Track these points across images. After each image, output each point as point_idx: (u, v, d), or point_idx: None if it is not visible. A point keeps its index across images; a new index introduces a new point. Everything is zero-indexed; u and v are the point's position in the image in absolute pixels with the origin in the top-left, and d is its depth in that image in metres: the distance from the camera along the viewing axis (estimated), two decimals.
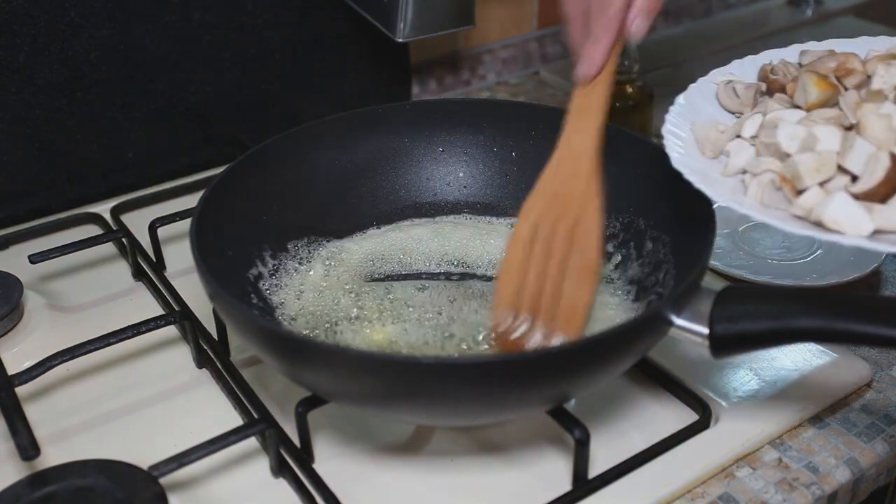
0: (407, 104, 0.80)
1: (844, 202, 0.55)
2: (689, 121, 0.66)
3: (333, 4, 0.97)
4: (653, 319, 0.55)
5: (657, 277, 0.66)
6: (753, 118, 0.64)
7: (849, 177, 0.57)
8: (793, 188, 0.58)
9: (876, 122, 0.58)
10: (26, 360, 0.68)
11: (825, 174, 0.58)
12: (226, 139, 0.96)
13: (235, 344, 0.70)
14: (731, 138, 0.64)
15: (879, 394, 0.67)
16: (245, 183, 0.70)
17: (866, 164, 0.56)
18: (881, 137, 0.57)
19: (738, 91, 0.68)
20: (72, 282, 0.81)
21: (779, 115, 0.63)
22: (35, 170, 0.89)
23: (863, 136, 0.58)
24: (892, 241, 0.54)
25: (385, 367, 0.52)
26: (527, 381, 0.52)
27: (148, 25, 0.89)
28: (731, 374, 0.67)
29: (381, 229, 0.77)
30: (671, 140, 0.64)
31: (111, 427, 0.65)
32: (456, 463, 0.61)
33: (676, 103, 0.68)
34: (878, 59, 0.63)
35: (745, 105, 0.68)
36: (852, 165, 0.57)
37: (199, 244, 0.61)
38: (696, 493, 0.59)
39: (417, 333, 0.65)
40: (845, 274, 0.76)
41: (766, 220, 0.56)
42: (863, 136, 0.58)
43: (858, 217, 0.55)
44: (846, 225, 0.55)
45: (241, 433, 0.58)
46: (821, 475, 0.60)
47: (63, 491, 0.54)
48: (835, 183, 0.57)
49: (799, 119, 0.62)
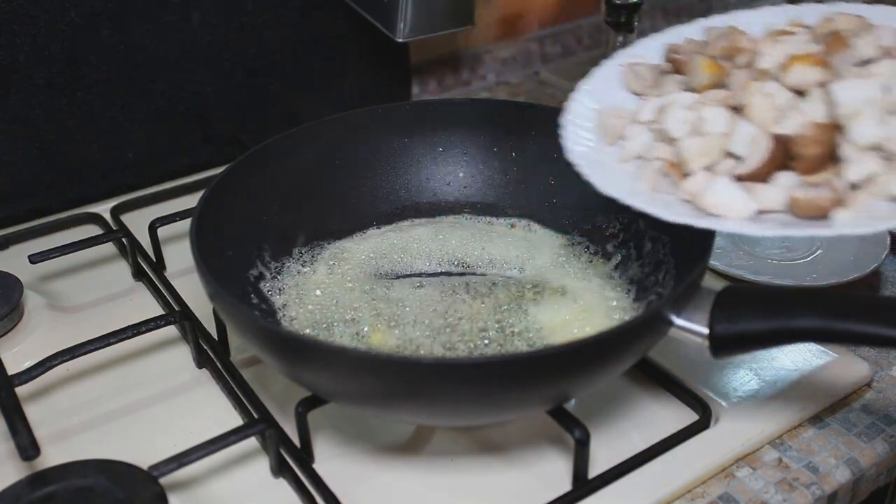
0: (407, 104, 0.80)
1: (725, 186, 0.55)
2: (597, 107, 0.65)
3: (333, 4, 0.97)
4: (653, 319, 0.55)
5: (657, 277, 0.66)
6: (651, 102, 0.63)
7: (736, 159, 0.57)
8: (680, 173, 0.58)
9: (760, 102, 0.57)
10: (26, 360, 0.68)
11: (711, 158, 0.57)
12: (226, 139, 0.96)
13: (235, 344, 0.70)
14: (630, 123, 0.64)
15: (879, 394, 0.67)
16: (245, 183, 0.70)
17: (749, 145, 0.56)
18: (765, 117, 0.57)
19: (642, 73, 0.66)
20: (72, 282, 0.81)
21: (672, 99, 0.62)
22: (35, 170, 0.89)
23: (748, 117, 0.57)
24: (772, 224, 0.54)
25: (385, 367, 0.52)
26: (527, 381, 0.52)
27: (148, 25, 0.89)
28: (731, 374, 0.67)
29: (381, 229, 0.77)
30: (571, 129, 0.63)
31: (111, 427, 0.65)
32: (456, 463, 0.61)
33: (580, 90, 0.67)
34: (769, 36, 0.62)
35: (650, 87, 0.66)
36: (737, 147, 0.57)
37: (199, 244, 0.61)
38: (697, 493, 0.59)
39: (417, 333, 0.65)
40: (845, 274, 0.76)
41: (648, 212, 0.55)
42: (748, 116, 0.57)
43: (739, 200, 0.55)
44: (727, 208, 0.55)
45: (241, 433, 0.58)
46: (821, 475, 0.60)
47: (63, 491, 0.54)
48: (723, 166, 0.57)
49: (691, 102, 0.61)
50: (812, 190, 0.54)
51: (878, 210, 0.54)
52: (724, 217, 0.55)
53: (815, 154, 0.55)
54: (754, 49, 0.62)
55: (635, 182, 0.60)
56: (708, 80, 0.61)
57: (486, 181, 0.79)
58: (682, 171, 0.58)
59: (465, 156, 0.79)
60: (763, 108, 0.57)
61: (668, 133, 0.59)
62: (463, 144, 0.79)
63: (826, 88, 0.56)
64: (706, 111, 0.59)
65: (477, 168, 0.79)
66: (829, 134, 0.55)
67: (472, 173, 0.79)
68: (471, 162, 0.79)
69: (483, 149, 0.79)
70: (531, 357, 0.52)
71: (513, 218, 0.78)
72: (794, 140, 0.55)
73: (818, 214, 0.54)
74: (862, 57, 0.58)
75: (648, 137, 0.62)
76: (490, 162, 0.79)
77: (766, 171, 0.56)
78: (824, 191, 0.54)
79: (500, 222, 0.78)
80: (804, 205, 0.54)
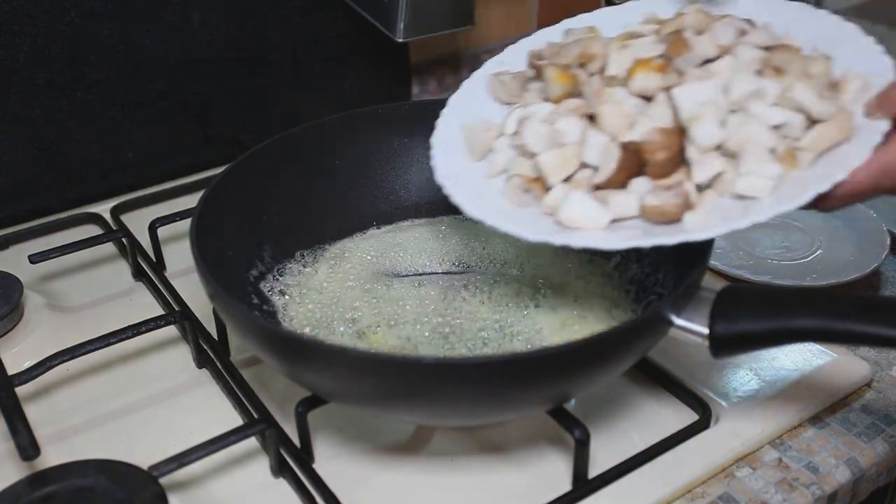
0: (407, 104, 0.80)
1: (578, 199, 0.56)
2: (464, 122, 0.65)
3: (333, 4, 0.97)
4: (653, 319, 0.55)
5: (657, 277, 0.66)
6: (514, 113, 0.63)
7: (593, 168, 0.57)
8: (542, 187, 0.58)
9: (611, 110, 0.57)
10: (26, 360, 0.68)
11: (568, 169, 0.57)
12: (226, 139, 0.96)
13: (235, 344, 0.70)
14: (498, 136, 0.63)
15: (879, 394, 0.67)
16: (245, 183, 0.70)
17: (602, 154, 0.56)
18: (616, 125, 0.57)
19: (507, 83, 0.66)
20: (72, 282, 0.81)
21: (529, 112, 0.62)
22: (35, 170, 0.89)
23: (600, 126, 0.58)
24: (624, 235, 0.54)
25: (385, 367, 0.52)
26: (527, 381, 0.52)
27: (148, 25, 0.89)
28: (732, 374, 0.67)
29: (381, 229, 0.77)
30: (440, 147, 0.63)
31: (111, 427, 0.65)
32: (456, 463, 0.61)
33: (448, 104, 0.67)
34: (618, 39, 0.62)
35: (516, 96, 0.65)
36: (590, 158, 0.57)
37: (199, 244, 0.61)
38: (697, 493, 0.59)
39: (418, 333, 0.64)
40: (845, 274, 0.76)
41: (510, 232, 0.55)
42: (600, 125, 0.58)
43: (594, 211, 0.55)
44: (583, 220, 0.55)
45: (241, 433, 0.58)
46: (821, 475, 0.60)
47: (63, 491, 0.54)
48: (581, 175, 0.57)
49: (547, 113, 0.61)
50: (660, 196, 0.55)
51: (730, 211, 0.54)
52: (580, 230, 0.55)
53: (663, 159, 0.55)
54: (605, 54, 0.62)
55: (501, 199, 0.60)
56: (561, 90, 0.61)
57: None
58: (543, 185, 0.58)
59: None
60: (614, 116, 0.57)
61: (528, 147, 0.59)
62: None
63: (669, 93, 0.57)
64: (561, 122, 0.59)
65: None
66: (674, 138, 0.56)
67: None
68: None
69: None
70: (531, 357, 0.52)
71: None
72: (642, 146, 0.56)
73: (669, 219, 0.55)
74: (703, 56, 0.58)
75: (513, 151, 0.61)
76: None
77: (621, 179, 0.56)
78: (672, 196, 0.54)
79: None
80: (653, 212, 0.55)
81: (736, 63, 0.57)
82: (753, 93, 0.55)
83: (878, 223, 0.82)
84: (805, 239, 0.83)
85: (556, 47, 0.65)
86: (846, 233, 0.82)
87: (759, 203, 0.54)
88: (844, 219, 0.84)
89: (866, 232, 0.81)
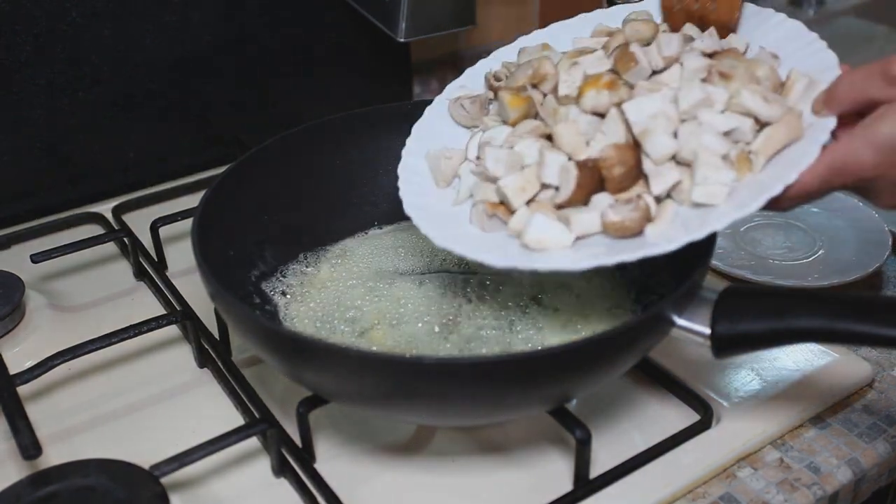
0: (408, 104, 0.80)
1: (541, 221, 0.56)
2: (428, 149, 0.66)
3: (333, 4, 0.97)
4: (654, 319, 0.55)
5: (659, 277, 0.66)
6: (475, 138, 0.64)
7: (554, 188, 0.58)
8: (507, 211, 0.58)
9: (565, 130, 0.58)
10: (28, 360, 0.68)
11: (530, 192, 0.58)
12: (226, 139, 0.96)
13: (237, 344, 0.70)
14: (462, 161, 0.64)
15: (881, 394, 0.67)
16: (246, 183, 0.70)
17: (560, 175, 0.57)
18: (572, 143, 0.57)
19: (466, 106, 0.66)
20: (73, 281, 0.81)
21: (490, 136, 0.62)
22: (37, 169, 0.89)
23: (557, 145, 0.58)
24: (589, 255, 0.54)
25: (386, 367, 0.52)
26: (528, 381, 0.52)
27: (148, 25, 0.89)
28: (733, 374, 0.67)
29: (382, 229, 0.77)
30: (406, 178, 0.64)
31: (112, 426, 0.65)
32: (457, 463, 0.61)
33: (412, 133, 0.67)
34: (568, 57, 0.62)
35: (477, 120, 0.66)
36: (549, 178, 0.57)
37: (201, 244, 0.61)
38: (698, 494, 0.59)
39: (419, 332, 0.64)
40: (847, 274, 0.76)
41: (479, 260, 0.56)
42: (557, 144, 0.58)
43: (557, 232, 0.56)
44: (548, 242, 0.56)
45: (242, 433, 0.58)
46: (822, 475, 0.60)
47: (64, 490, 0.54)
48: (544, 196, 0.58)
49: (505, 137, 0.61)
50: (620, 211, 0.55)
51: (690, 220, 0.55)
52: (546, 251, 0.56)
53: (621, 174, 0.56)
54: (557, 73, 0.62)
55: (469, 225, 0.60)
56: (516, 114, 0.62)
57: None
58: (508, 208, 0.58)
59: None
60: (569, 135, 0.58)
61: (489, 173, 0.60)
62: None
63: (620, 108, 0.57)
64: (519, 145, 0.60)
65: None
66: (630, 152, 0.56)
67: None
68: None
69: None
70: (532, 357, 0.52)
71: None
72: (599, 163, 0.56)
73: (631, 233, 0.55)
74: (652, 69, 0.59)
75: (477, 176, 0.62)
76: None
77: (581, 197, 0.57)
78: (631, 211, 0.55)
79: None
80: (615, 227, 0.55)
81: (683, 72, 0.58)
82: (702, 101, 0.56)
83: (880, 223, 0.82)
84: (807, 239, 0.83)
85: (511, 67, 0.66)
86: (848, 233, 0.82)
87: (716, 211, 0.54)
88: (846, 219, 0.84)
89: (868, 232, 0.81)
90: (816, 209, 0.86)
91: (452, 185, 0.64)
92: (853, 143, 0.52)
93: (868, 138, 0.51)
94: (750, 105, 0.55)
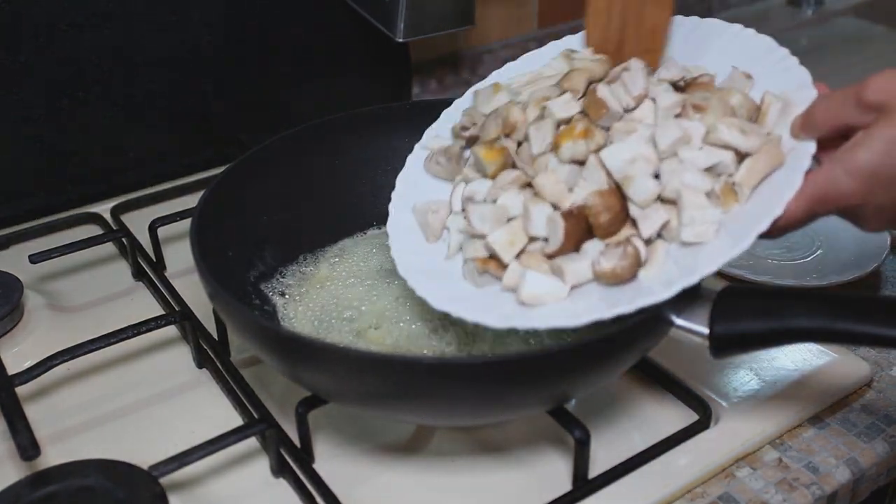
0: (407, 104, 0.80)
1: (534, 278, 0.56)
2: (414, 202, 0.65)
3: (333, 4, 0.97)
4: (653, 319, 0.55)
5: None
6: (457, 191, 0.63)
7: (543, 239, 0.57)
8: (499, 266, 0.58)
9: (546, 180, 0.58)
10: (27, 360, 0.68)
11: (519, 245, 0.58)
12: (226, 139, 0.96)
13: (235, 344, 0.70)
14: (448, 214, 0.64)
15: (879, 394, 0.67)
16: (245, 183, 0.70)
17: (547, 226, 0.57)
18: (555, 192, 0.57)
19: (442, 163, 0.66)
20: (72, 282, 0.81)
21: (472, 191, 0.62)
22: (35, 169, 0.89)
23: (540, 196, 0.58)
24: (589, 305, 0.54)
25: (385, 367, 0.52)
26: (527, 381, 0.52)
27: (148, 25, 0.89)
28: (732, 374, 0.67)
29: (381, 229, 0.77)
30: (395, 235, 0.64)
31: (111, 427, 0.65)
32: (456, 463, 0.61)
33: (397, 185, 0.67)
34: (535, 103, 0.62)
35: (454, 171, 0.66)
36: (536, 231, 0.57)
37: (200, 244, 0.61)
38: (697, 494, 0.59)
39: (417, 332, 0.64)
40: (845, 274, 0.76)
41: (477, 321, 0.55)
42: (540, 195, 0.58)
43: (552, 285, 0.55)
44: (544, 297, 0.55)
45: (241, 433, 0.58)
46: (821, 475, 0.60)
47: (63, 491, 0.54)
48: (533, 247, 0.58)
49: (487, 191, 0.61)
50: (611, 259, 0.55)
51: (683, 259, 0.55)
52: (543, 306, 0.56)
53: (608, 220, 0.56)
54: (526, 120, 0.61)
55: (463, 282, 0.60)
56: (494, 167, 0.61)
57: None
58: (499, 263, 0.58)
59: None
60: (551, 185, 0.58)
61: (476, 230, 0.59)
62: None
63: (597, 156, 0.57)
64: (502, 198, 0.59)
65: None
66: (614, 198, 0.56)
67: None
68: None
69: None
70: (531, 357, 0.52)
71: None
72: (585, 210, 0.56)
73: (625, 280, 0.55)
74: (623, 109, 0.59)
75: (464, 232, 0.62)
76: None
77: (571, 245, 0.56)
78: (621, 258, 0.55)
79: None
80: (607, 276, 0.55)
81: (658, 110, 0.58)
82: (680, 139, 0.56)
83: None
84: (805, 239, 0.83)
85: (475, 115, 0.65)
86: (846, 233, 0.82)
87: (708, 248, 0.54)
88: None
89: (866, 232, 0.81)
90: None
91: (443, 238, 0.64)
92: (833, 171, 0.51)
93: (847, 167, 0.51)
94: (728, 139, 0.55)
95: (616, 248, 0.55)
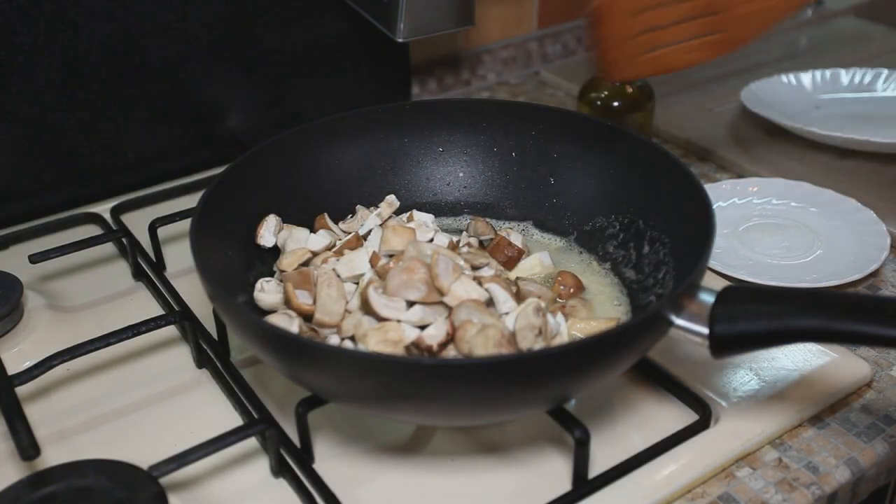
0: (407, 104, 0.80)
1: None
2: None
3: (333, 4, 0.97)
4: (653, 319, 0.55)
5: (657, 278, 0.66)
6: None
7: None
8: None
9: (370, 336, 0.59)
10: (26, 360, 0.68)
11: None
12: (226, 139, 0.96)
13: (235, 344, 0.70)
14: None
15: (879, 394, 0.67)
16: (245, 183, 0.70)
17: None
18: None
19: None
20: (72, 282, 0.81)
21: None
22: (35, 169, 0.89)
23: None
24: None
25: (385, 367, 0.52)
26: (527, 381, 0.52)
27: (148, 25, 0.89)
28: (731, 374, 0.67)
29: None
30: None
31: (111, 427, 0.65)
32: (456, 463, 0.61)
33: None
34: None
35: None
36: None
37: (200, 244, 0.61)
38: (697, 493, 0.59)
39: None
40: (845, 274, 0.76)
41: None
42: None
43: None
44: None
45: (241, 433, 0.58)
46: (821, 475, 0.60)
47: (63, 491, 0.54)
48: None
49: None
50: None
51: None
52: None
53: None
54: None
55: None
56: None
57: (486, 181, 0.79)
58: None
59: (465, 156, 0.79)
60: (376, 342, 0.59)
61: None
62: (463, 144, 0.79)
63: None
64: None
65: (477, 168, 0.79)
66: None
67: (472, 173, 0.79)
68: (471, 162, 0.79)
69: (483, 149, 0.79)
70: (531, 357, 0.52)
71: (513, 221, 0.78)
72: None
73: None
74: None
75: None
76: (490, 162, 0.79)
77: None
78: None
79: (500, 223, 0.78)
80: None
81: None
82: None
83: (878, 223, 0.82)
84: (805, 239, 0.83)
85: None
86: (846, 233, 0.82)
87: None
88: (844, 219, 0.84)
89: (866, 232, 0.81)
90: (815, 209, 0.86)
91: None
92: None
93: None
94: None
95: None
